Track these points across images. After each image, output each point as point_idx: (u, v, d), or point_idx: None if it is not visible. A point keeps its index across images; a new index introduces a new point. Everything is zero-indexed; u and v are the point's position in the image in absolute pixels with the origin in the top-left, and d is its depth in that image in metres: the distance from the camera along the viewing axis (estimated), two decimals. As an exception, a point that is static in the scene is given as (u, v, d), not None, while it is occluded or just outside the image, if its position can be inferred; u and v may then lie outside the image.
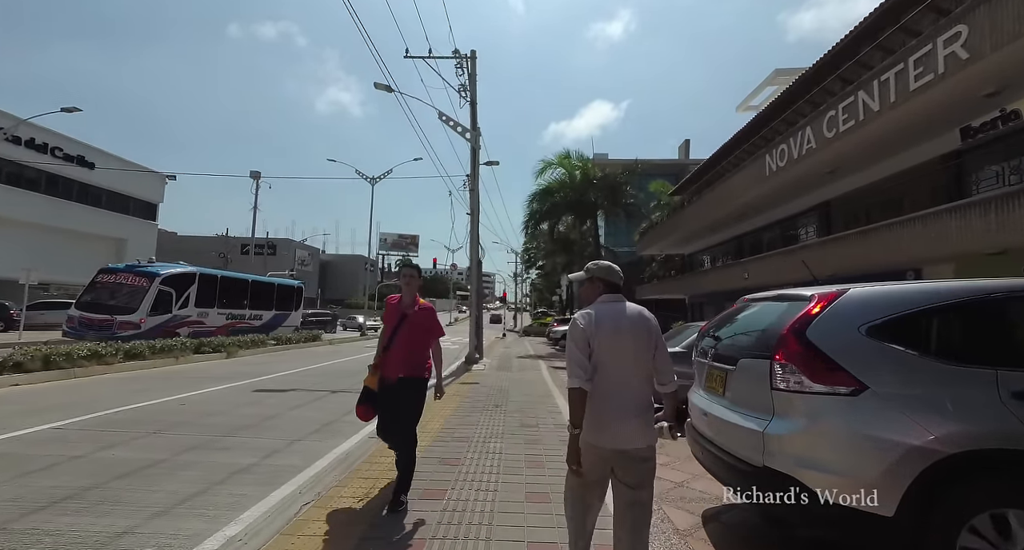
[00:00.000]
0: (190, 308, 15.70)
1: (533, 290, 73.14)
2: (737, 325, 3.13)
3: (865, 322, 2.29)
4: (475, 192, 14.09)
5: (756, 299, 3.16)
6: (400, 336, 3.23)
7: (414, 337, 3.26)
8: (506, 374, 10.94)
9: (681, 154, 45.42)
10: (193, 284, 15.82)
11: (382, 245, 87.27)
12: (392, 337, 3.26)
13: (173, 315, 15.02)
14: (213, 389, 7.86)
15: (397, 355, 3.21)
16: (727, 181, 15.52)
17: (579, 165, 20.56)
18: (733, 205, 15.42)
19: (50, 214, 22.81)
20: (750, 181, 13.74)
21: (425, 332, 3.31)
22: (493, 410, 6.56)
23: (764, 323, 2.70)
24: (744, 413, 2.51)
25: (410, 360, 3.23)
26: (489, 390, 8.36)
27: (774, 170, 12.16)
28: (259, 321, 18.87)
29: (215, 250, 42.02)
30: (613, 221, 22.13)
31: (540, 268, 51.71)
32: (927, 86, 7.45)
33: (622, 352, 2.01)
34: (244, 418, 5.83)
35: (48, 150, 23.27)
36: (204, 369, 10.74)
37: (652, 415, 2.08)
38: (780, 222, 16.47)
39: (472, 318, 13.93)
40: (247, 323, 18.19)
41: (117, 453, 4.28)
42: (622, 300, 2.17)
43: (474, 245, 13.79)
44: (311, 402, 7.09)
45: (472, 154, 13.75)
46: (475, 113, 14.10)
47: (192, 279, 15.88)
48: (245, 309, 18.18)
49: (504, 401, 7.27)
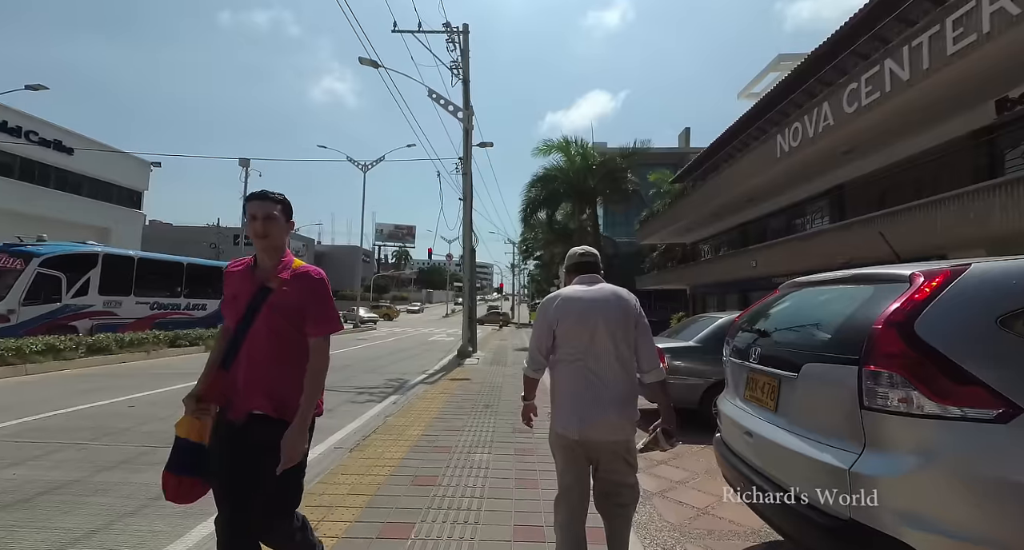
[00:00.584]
0: (91, 296, 12.51)
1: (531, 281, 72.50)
2: (789, 316, 2.40)
3: (1005, 312, 1.56)
4: (468, 176, 13.29)
5: (812, 283, 2.42)
6: (256, 333, 1.68)
7: (282, 335, 1.69)
8: (500, 369, 10.25)
9: (681, 142, 44.51)
10: (95, 267, 12.63)
11: (378, 236, 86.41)
12: (238, 337, 1.70)
13: (63, 305, 11.95)
14: (174, 388, 7.13)
15: (249, 372, 1.68)
16: (734, 165, 14.73)
17: (579, 151, 19.71)
18: (740, 189, 14.64)
19: (25, 201, 21.88)
20: (759, 164, 12.95)
21: (302, 322, 1.71)
22: (483, 411, 5.86)
23: (837, 314, 1.96)
24: (814, 439, 1.78)
25: (276, 381, 1.69)
26: (480, 387, 7.67)
27: (786, 151, 11.37)
28: (203, 311, 15.79)
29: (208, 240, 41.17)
30: (613, 211, 21.33)
31: (538, 259, 50.98)
32: (968, 49, 6.66)
33: (591, 336, 1.87)
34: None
35: (23, 134, 22.26)
36: (175, 365, 10.01)
37: (632, 407, 1.92)
38: (789, 208, 15.71)
39: (465, 308, 13.23)
40: (185, 314, 15.14)
41: (21, 472, 3.56)
42: (596, 281, 2.04)
43: (467, 232, 13.02)
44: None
45: (464, 135, 12.92)
46: (467, 91, 13.24)
47: (93, 261, 12.68)
48: (180, 297, 15.15)
49: (496, 400, 6.57)
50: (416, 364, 11.49)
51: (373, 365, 11.10)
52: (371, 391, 7.43)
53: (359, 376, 9.10)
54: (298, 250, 61.91)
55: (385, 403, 6.52)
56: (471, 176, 13.40)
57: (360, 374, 9.38)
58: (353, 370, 10.04)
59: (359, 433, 4.85)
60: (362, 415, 5.75)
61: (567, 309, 1.93)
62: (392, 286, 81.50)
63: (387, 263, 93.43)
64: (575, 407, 1.88)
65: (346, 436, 4.76)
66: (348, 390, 7.52)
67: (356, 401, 6.62)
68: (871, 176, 11.92)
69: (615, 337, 1.89)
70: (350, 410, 6.04)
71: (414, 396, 6.84)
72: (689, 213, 19.05)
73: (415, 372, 9.89)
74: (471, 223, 13.25)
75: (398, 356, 13.52)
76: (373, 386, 7.93)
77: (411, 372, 9.90)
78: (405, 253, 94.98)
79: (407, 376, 9.26)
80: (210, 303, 16.00)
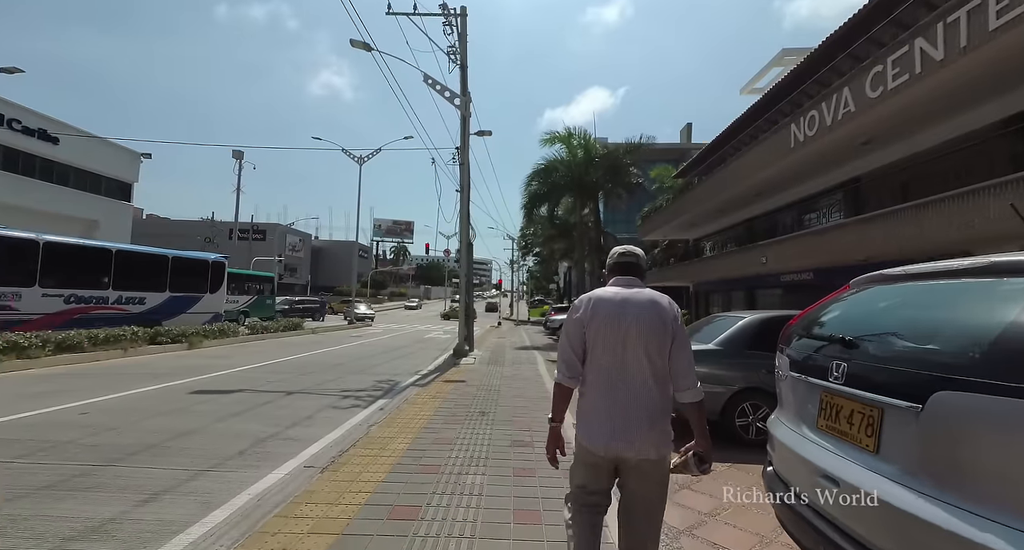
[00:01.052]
0: None
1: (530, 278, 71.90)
2: (886, 320, 1.81)
3: None
4: (465, 166, 12.66)
5: (911, 276, 1.83)
6: None
7: None
8: (498, 369, 9.68)
9: (683, 138, 43.96)
10: None
11: (376, 232, 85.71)
12: None
13: None
14: (141, 390, 6.53)
15: None
16: (743, 157, 14.10)
17: (580, 143, 19.06)
18: (749, 183, 14.03)
19: (8, 192, 21.14)
20: (771, 155, 12.33)
21: None
22: (478, 419, 5.29)
23: (986, 320, 1.37)
24: (974, 512, 1.18)
25: None
26: (476, 390, 7.09)
27: (801, 141, 10.75)
28: (140, 306, 13.21)
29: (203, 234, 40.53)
30: (614, 207, 20.66)
31: (537, 255, 50.38)
32: (1016, 21, 6.05)
33: (624, 344, 1.72)
34: (150, 434, 4.51)
35: (4, 122, 21.50)
36: (151, 363, 9.41)
37: (665, 422, 1.75)
38: (800, 202, 15.11)
39: (462, 304, 12.63)
40: (116, 309, 12.53)
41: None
42: (634, 283, 1.87)
43: (464, 224, 12.41)
44: (254, 408, 5.78)
45: (462, 123, 12.28)
46: (465, 77, 12.59)
47: None
48: (107, 290, 12.47)
49: (493, 406, 5.99)
50: (409, 364, 10.91)
51: (364, 364, 10.52)
52: (357, 395, 6.85)
53: (347, 377, 8.51)
54: (294, 245, 61.21)
55: (371, 409, 5.94)
56: (469, 167, 12.77)
57: (349, 375, 8.80)
58: (343, 370, 9.46)
59: (337, 446, 4.26)
60: (344, 423, 5.16)
61: (599, 310, 1.78)
62: (390, 282, 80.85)
63: (385, 259, 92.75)
64: (604, 418, 1.73)
65: (321, 451, 4.18)
66: (333, 393, 6.94)
67: (339, 407, 6.03)
68: (891, 167, 11.32)
69: (648, 347, 1.71)
70: (331, 417, 5.45)
71: (404, 400, 6.26)
72: (693, 208, 18.46)
73: (407, 373, 9.32)
74: (468, 216, 12.64)
75: (391, 355, 12.94)
76: (360, 389, 7.35)
77: (403, 372, 9.32)
78: (403, 249, 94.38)
79: (398, 377, 8.68)
80: (152, 296, 13.56)
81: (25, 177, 22.83)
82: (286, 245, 56.13)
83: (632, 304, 1.75)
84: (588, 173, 18.76)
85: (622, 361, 1.73)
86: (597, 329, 1.75)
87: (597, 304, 1.79)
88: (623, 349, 1.72)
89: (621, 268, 1.92)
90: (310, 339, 17.11)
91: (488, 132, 13.49)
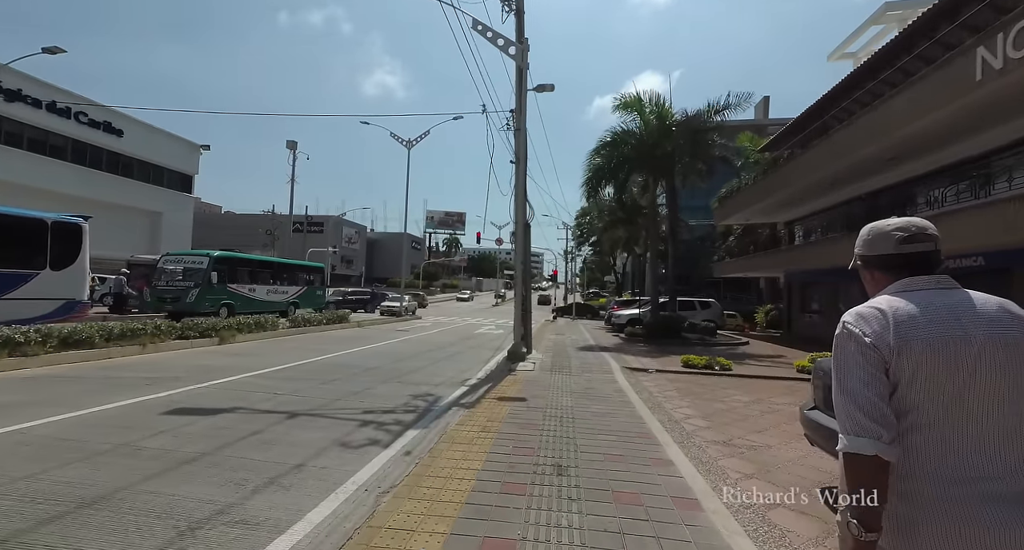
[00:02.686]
0: None
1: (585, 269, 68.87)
2: None
3: None
4: (521, 132, 10.57)
5: None
6: None
7: None
8: (564, 379, 7.60)
9: (759, 114, 39.38)
10: None
11: (428, 223, 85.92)
12: None
13: None
14: (101, 408, 5.02)
15: None
16: (884, 105, 10.80)
17: (655, 110, 16.33)
18: (885, 141, 10.86)
19: (78, 184, 21.72)
20: (935, 96, 9.10)
21: None
22: (552, 481, 3.25)
23: None
24: None
25: None
26: (542, 418, 5.05)
27: (997, 69, 7.64)
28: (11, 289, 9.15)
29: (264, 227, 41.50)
30: (692, 185, 17.67)
31: (593, 244, 47.45)
32: None
33: (973, 386, 0.96)
34: (53, 498, 2.84)
35: (72, 115, 22.08)
36: (164, 363, 8.19)
37: None
38: (957, 165, 11.64)
39: (517, 297, 10.64)
40: None
41: None
42: (950, 286, 1.06)
43: (520, 201, 10.36)
44: (228, 445, 4.05)
45: (518, 76, 10.19)
46: (522, 24, 10.49)
47: None
48: None
49: (570, 451, 3.93)
50: (456, 368, 9.09)
51: (403, 368, 8.82)
52: (380, 420, 5.03)
53: (377, 388, 6.78)
54: (351, 237, 62.10)
55: (393, 450, 4.06)
56: (525, 133, 10.68)
57: (380, 384, 7.07)
58: (375, 376, 7.77)
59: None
60: (343, 484, 3.29)
61: (918, 334, 0.98)
62: (442, 274, 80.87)
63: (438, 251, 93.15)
64: (939, 514, 0.93)
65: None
66: (350, 416, 5.17)
67: (350, 444, 4.20)
68: None
69: (1017, 387, 0.95)
70: (329, 469, 3.61)
71: (441, 435, 4.34)
72: (796, 181, 15.26)
73: (452, 382, 7.47)
74: (525, 192, 10.57)
75: (436, 355, 11.23)
76: (387, 409, 5.55)
77: (446, 381, 7.48)
78: (455, 240, 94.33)
79: (440, 389, 6.84)
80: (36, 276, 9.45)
81: (92, 169, 23.47)
82: (342, 237, 56.96)
83: (973, 318, 0.99)
84: (662, 144, 16.03)
85: (970, 415, 0.97)
86: (917, 363, 0.97)
87: (912, 322, 0.99)
88: (972, 394, 0.97)
89: (913, 263, 1.08)
90: (354, 333, 15.88)
91: (550, 86, 11.26)
